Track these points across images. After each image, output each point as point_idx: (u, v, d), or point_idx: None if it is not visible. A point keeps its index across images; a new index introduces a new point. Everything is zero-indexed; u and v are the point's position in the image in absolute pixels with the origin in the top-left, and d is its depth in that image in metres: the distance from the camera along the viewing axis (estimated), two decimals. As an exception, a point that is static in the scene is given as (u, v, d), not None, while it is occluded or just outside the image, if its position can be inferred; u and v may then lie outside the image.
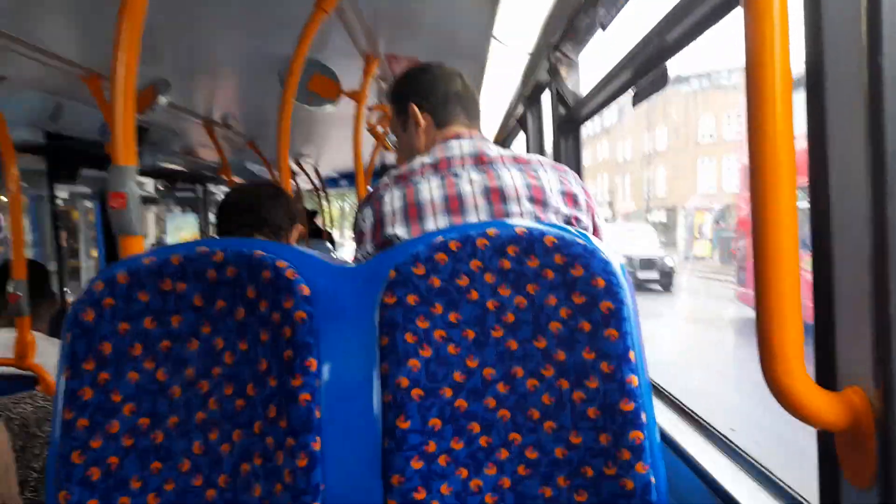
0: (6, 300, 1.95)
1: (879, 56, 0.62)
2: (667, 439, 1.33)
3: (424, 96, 1.35)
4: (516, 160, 1.24)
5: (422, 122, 1.35)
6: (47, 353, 2.00)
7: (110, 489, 0.97)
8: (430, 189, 1.21)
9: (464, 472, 0.99)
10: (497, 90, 3.57)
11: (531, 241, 1.00)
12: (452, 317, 1.00)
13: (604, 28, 1.98)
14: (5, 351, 1.95)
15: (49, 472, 0.97)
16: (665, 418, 1.46)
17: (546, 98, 2.77)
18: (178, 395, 1.00)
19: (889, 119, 0.62)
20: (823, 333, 0.71)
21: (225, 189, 6.23)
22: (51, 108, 2.84)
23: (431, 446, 0.98)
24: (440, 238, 1.01)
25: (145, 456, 0.99)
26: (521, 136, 3.52)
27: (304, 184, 7.75)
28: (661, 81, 1.63)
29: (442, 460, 0.98)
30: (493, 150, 1.25)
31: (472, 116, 1.36)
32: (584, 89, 2.37)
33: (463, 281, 1.00)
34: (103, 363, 0.99)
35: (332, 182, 8.12)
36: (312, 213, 7.25)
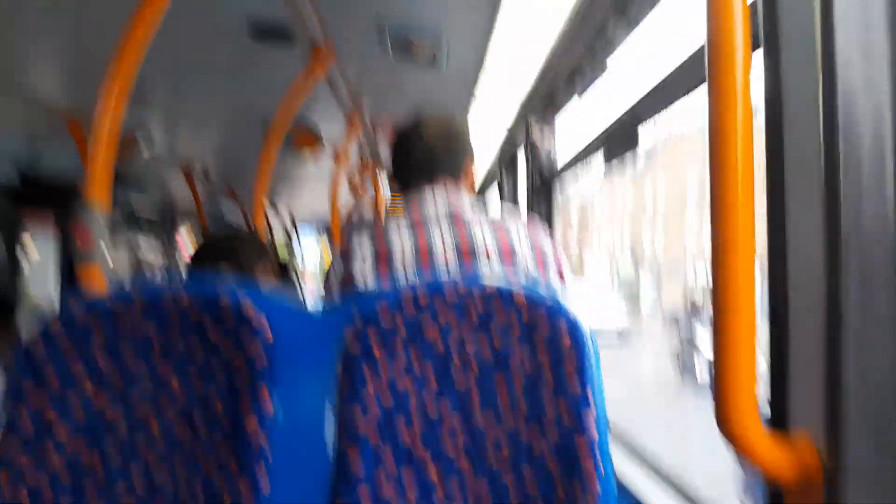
0: None
1: (836, 135, 0.66)
2: (624, 491, 1.32)
3: (392, 162, 1.41)
4: (488, 217, 1.26)
5: (393, 185, 1.42)
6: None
7: None
8: (402, 239, 1.22)
9: None
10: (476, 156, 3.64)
11: (499, 298, 1.01)
12: (416, 368, 0.99)
13: (580, 95, 2.06)
14: None
15: None
16: (625, 470, 1.44)
17: (521, 160, 2.84)
18: (125, 436, 0.97)
19: (843, 197, 0.65)
20: (778, 377, 0.72)
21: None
22: (32, 151, 2.83)
23: (388, 495, 0.95)
24: (408, 290, 1.01)
25: (81, 497, 0.94)
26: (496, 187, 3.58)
27: (277, 228, 7.72)
28: (632, 144, 1.68)
29: None
30: (466, 206, 1.27)
31: (439, 172, 1.31)
32: (562, 152, 2.44)
33: (429, 333, 1.00)
34: (48, 401, 0.95)
35: (305, 228, 8.10)
36: (282, 265, 7.17)
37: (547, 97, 2.28)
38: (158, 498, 0.96)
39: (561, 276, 1.30)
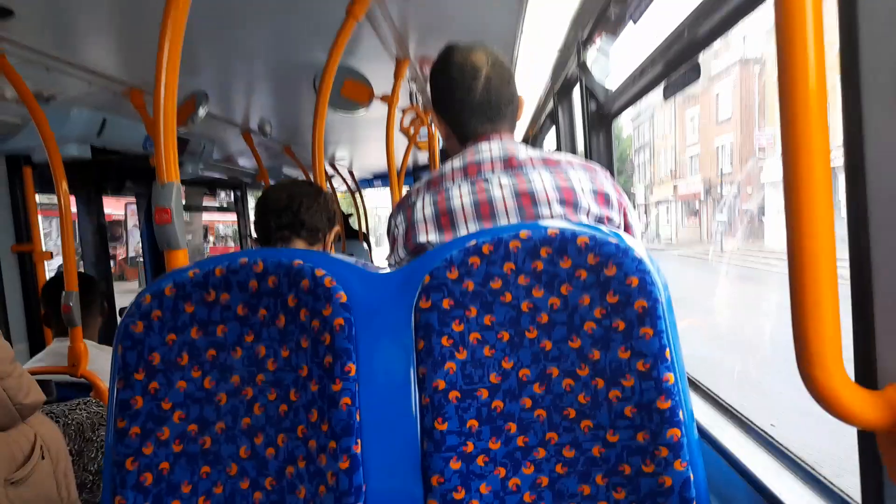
0: (60, 311, 2.03)
1: None
2: (705, 435, 1.32)
3: (442, 107, 1.31)
4: (546, 162, 1.23)
5: (442, 132, 1.35)
6: (99, 360, 2.08)
7: (162, 493, 1.01)
8: (461, 195, 1.21)
9: (502, 472, 1.00)
10: (528, 85, 3.56)
11: (563, 242, 1.00)
12: (487, 319, 1.01)
13: (634, 21, 1.96)
14: (60, 360, 2.04)
15: (105, 478, 1.02)
16: (703, 414, 1.44)
17: (577, 93, 2.75)
18: (224, 402, 1.04)
19: None
20: (863, 331, 0.70)
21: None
22: (97, 123, 2.94)
23: (469, 447, 0.99)
24: (473, 242, 1.02)
25: (194, 461, 1.03)
26: (553, 131, 3.50)
27: (339, 185, 7.83)
28: (693, 75, 1.61)
29: (480, 460, 0.99)
30: (523, 153, 1.24)
31: (498, 119, 1.28)
32: (617, 84, 2.35)
33: (496, 283, 1.01)
34: (153, 373, 1.03)
35: (366, 183, 8.19)
36: (347, 216, 7.32)
37: (601, 23, 2.18)
38: (261, 462, 1.03)
39: (625, 218, 1.27)
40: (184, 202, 1.29)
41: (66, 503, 1.34)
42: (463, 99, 1.27)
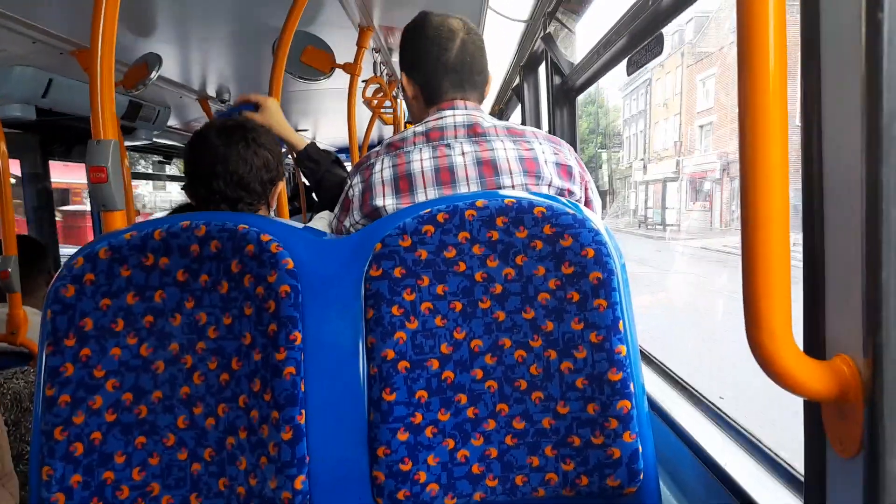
0: None
1: (880, 12, 0.60)
2: (655, 407, 1.33)
3: (414, 67, 1.29)
4: (510, 132, 1.21)
5: (410, 92, 1.31)
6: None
7: (94, 464, 0.97)
8: (422, 160, 1.18)
9: (450, 443, 0.98)
10: (493, 60, 3.52)
11: (520, 212, 0.99)
12: (440, 289, 0.99)
13: None
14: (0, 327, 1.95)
15: (33, 447, 0.97)
16: (654, 386, 1.46)
17: (543, 68, 2.73)
18: (161, 371, 1.00)
19: (886, 80, 0.59)
20: (812, 301, 0.70)
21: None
22: (42, 84, 2.80)
23: (418, 418, 0.97)
24: (427, 210, 1.00)
25: (129, 431, 0.98)
26: (518, 109, 3.48)
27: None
28: (657, 49, 1.60)
29: (428, 432, 0.97)
30: (487, 122, 1.22)
31: (468, 85, 1.27)
32: (580, 57, 2.33)
33: (450, 253, 0.99)
34: (84, 339, 0.98)
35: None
36: (309, 188, 7.18)
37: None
38: (200, 433, 0.99)
39: (586, 192, 1.26)
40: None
41: (1, 474, 1.28)
42: (438, 58, 1.26)
